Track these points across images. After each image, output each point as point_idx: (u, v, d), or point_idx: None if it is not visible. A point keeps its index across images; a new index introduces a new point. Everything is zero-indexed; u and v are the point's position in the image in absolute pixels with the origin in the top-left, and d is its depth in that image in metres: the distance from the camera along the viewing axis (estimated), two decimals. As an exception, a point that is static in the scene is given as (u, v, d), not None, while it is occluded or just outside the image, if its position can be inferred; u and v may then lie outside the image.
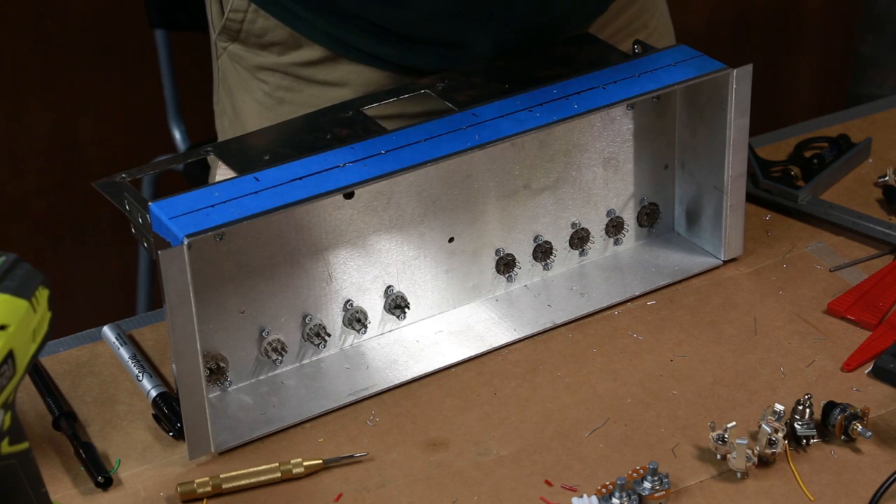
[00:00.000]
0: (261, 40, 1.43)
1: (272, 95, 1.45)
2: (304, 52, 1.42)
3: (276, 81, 1.45)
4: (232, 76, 1.49)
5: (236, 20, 1.44)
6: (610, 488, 1.10)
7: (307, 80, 1.44)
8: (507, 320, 1.29)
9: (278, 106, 1.45)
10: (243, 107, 1.49)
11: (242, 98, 1.49)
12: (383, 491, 1.12)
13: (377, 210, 1.23)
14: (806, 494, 1.11)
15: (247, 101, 1.48)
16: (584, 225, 1.33)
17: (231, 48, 1.47)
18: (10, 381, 0.91)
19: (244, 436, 1.18)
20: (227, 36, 1.46)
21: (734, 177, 1.31)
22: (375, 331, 1.27)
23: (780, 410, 1.14)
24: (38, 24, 2.14)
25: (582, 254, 1.35)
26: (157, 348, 1.28)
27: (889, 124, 1.55)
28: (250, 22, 1.43)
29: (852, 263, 1.35)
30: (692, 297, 1.32)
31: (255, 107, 1.47)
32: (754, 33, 2.70)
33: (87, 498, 1.13)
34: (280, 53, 1.43)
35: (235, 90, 1.49)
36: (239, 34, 1.44)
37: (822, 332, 1.27)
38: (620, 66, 1.29)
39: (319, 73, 1.43)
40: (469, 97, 1.31)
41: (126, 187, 1.22)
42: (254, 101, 1.47)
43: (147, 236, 1.16)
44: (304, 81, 1.44)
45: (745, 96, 1.28)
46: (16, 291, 0.92)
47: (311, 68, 1.43)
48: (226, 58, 1.48)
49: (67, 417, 1.19)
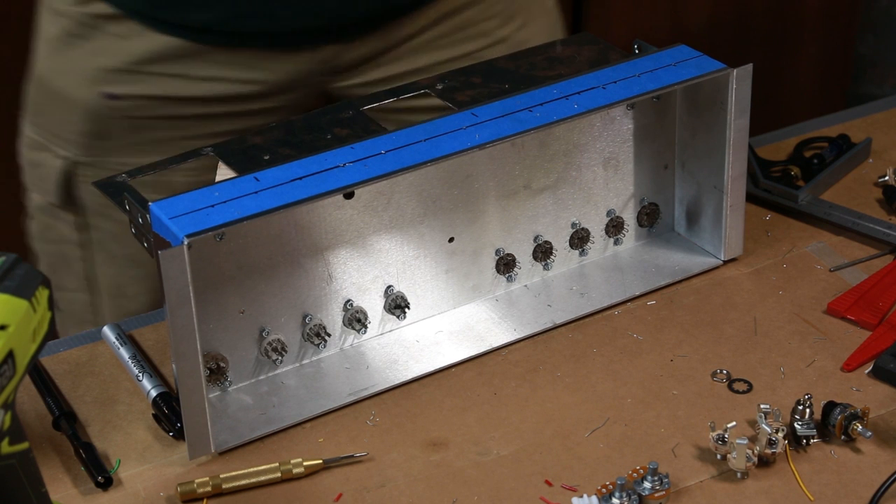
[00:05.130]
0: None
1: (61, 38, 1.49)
2: (96, 5, 1.45)
3: (65, 25, 1.48)
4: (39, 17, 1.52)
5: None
6: (610, 488, 1.10)
7: (94, 27, 1.47)
8: (507, 320, 1.29)
9: (65, 48, 1.49)
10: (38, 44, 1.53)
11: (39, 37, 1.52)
12: (383, 491, 1.12)
13: (377, 210, 1.23)
14: (806, 494, 1.11)
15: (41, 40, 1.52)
16: (584, 225, 1.33)
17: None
18: (10, 381, 0.91)
19: (244, 436, 1.18)
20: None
21: (734, 177, 1.31)
22: (375, 331, 1.27)
23: (767, 409, 1.14)
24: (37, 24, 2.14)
25: (582, 254, 1.35)
26: (157, 348, 1.28)
27: (889, 124, 1.55)
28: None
29: (852, 263, 1.35)
30: (692, 297, 1.32)
31: (45, 46, 1.52)
32: (754, 33, 2.70)
33: (87, 498, 1.13)
34: (74, 3, 1.47)
35: (37, 30, 1.53)
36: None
37: (822, 332, 1.27)
38: (620, 66, 1.29)
39: (105, 25, 1.46)
40: (469, 97, 1.32)
41: (126, 187, 1.22)
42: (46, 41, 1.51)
43: (147, 236, 1.16)
44: (90, 28, 1.47)
45: (745, 96, 1.28)
46: (16, 291, 0.92)
47: (99, 20, 1.46)
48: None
49: (67, 417, 1.19)
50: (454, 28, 1.51)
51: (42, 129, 1.54)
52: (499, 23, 1.53)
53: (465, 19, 1.51)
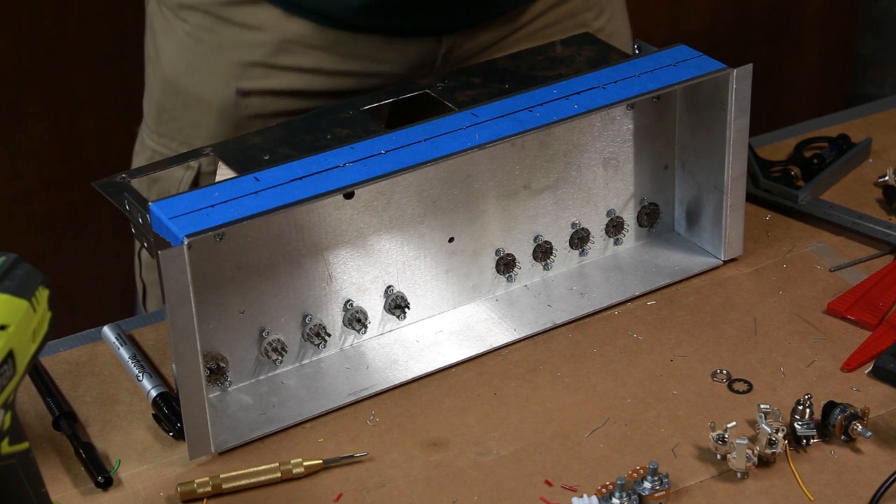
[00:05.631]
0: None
1: (191, 35, 1.46)
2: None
3: (196, 20, 1.46)
4: (157, 19, 1.50)
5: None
6: (610, 488, 1.10)
7: (226, 20, 1.44)
8: (507, 320, 1.29)
9: (196, 45, 1.46)
10: (165, 46, 1.49)
11: (164, 39, 1.49)
12: (383, 491, 1.12)
13: (377, 210, 1.23)
14: (806, 494, 1.11)
15: (167, 42, 1.49)
16: (584, 225, 1.34)
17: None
18: (10, 381, 0.91)
19: (244, 436, 1.18)
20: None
21: (734, 177, 1.31)
22: (375, 331, 1.27)
23: (767, 409, 1.14)
24: (38, 24, 2.14)
25: (582, 254, 1.35)
26: (157, 348, 1.28)
27: (889, 124, 1.55)
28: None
29: (852, 263, 1.35)
30: (692, 297, 1.32)
31: (174, 47, 1.48)
32: (754, 33, 2.70)
33: (87, 498, 1.13)
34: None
35: (159, 32, 1.50)
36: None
37: (822, 332, 1.27)
38: (620, 66, 1.29)
39: (238, 14, 1.44)
40: (469, 97, 1.32)
41: (126, 187, 1.22)
42: (174, 42, 1.48)
43: (147, 236, 1.16)
44: (223, 22, 1.45)
45: (745, 96, 1.28)
46: (16, 291, 0.92)
47: (231, 9, 1.44)
48: (153, 1, 1.50)
49: (67, 417, 1.19)
50: (559, 17, 1.52)
51: (171, 140, 1.50)
52: (595, 14, 1.55)
53: (568, 9, 1.52)
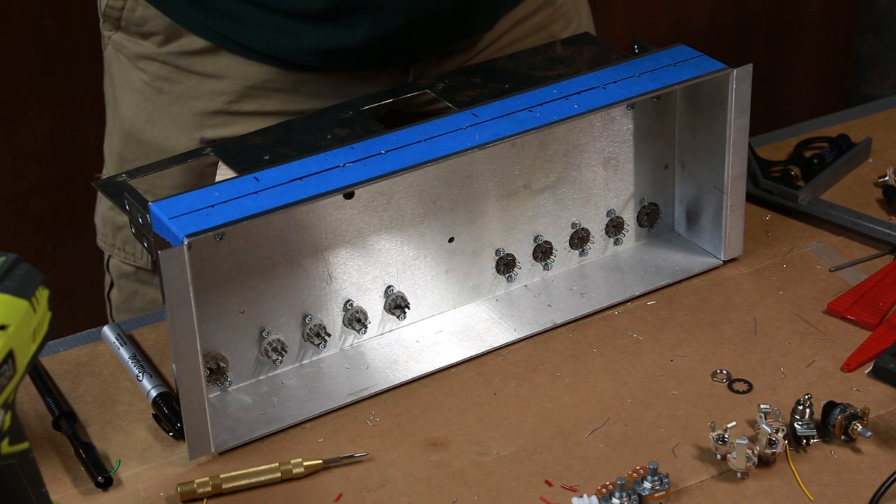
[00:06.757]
0: (141, 29, 1.43)
1: (150, 85, 1.45)
2: (184, 41, 1.42)
3: (154, 70, 1.44)
4: (115, 66, 1.48)
5: (116, 7, 1.43)
6: (610, 488, 1.10)
7: (186, 70, 1.43)
8: (507, 320, 1.29)
9: (156, 96, 1.45)
10: (123, 96, 1.48)
11: (122, 88, 1.48)
12: (383, 491, 1.12)
13: (377, 210, 1.23)
14: (806, 494, 1.11)
15: (126, 91, 1.48)
16: (584, 225, 1.34)
17: (115, 37, 1.46)
18: (10, 381, 0.91)
19: (244, 436, 1.18)
20: (110, 24, 1.45)
21: (734, 177, 1.31)
22: (375, 331, 1.27)
23: (767, 409, 1.14)
24: (38, 24, 2.14)
25: (582, 254, 1.35)
26: (157, 348, 1.28)
27: (889, 124, 1.55)
28: (130, 10, 1.43)
29: (852, 263, 1.35)
30: (692, 297, 1.32)
31: (133, 96, 1.47)
32: (754, 33, 2.70)
33: (87, 498, 1.13)
34: (160, 44, 1.43)
35: (117, 80, 1.49)
36: (119, 22, 1.44)
37: (822, 332, 1.27)
38: (620, 66, 1.29)
39: (198, 63, 1.42)
40: (469, 97, 1.32)
41: (126, 187, 1.22)
42: (132, 92, 1.47)
43: (147, 236, 1.16)
44: (182, 72, 1.43)
45: (745, 96, 1.28)
46: (16, 291, 0.92)
47: (191, 58, 1.42)
48: (110, 48, 1.48)
49: (67, 417, 1.19)
50: (526, 32, 1.50)
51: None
52: (562, 25, 1.54)
53: (535, 23, 1.51)
